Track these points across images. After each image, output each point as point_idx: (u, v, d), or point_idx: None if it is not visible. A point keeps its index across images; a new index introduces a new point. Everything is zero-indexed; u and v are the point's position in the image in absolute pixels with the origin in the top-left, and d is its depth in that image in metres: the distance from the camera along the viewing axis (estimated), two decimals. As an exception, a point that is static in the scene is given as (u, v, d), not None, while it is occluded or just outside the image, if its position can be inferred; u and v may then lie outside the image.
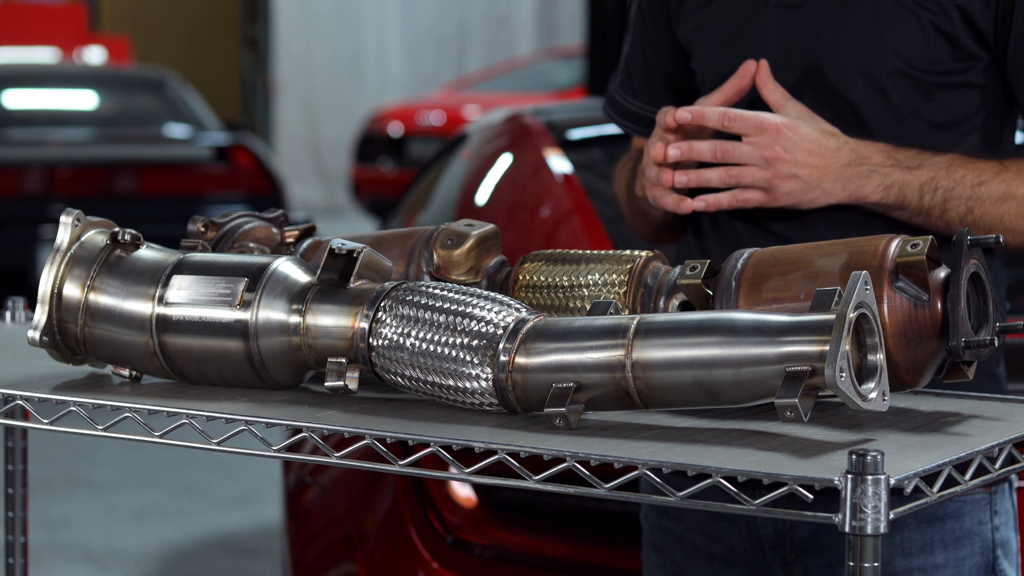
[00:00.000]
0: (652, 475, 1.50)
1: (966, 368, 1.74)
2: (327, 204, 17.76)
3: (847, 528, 1.41)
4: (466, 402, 1.67)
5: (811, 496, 1.45)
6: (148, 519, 6.07)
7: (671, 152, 2.08)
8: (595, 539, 2.75)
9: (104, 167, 8.60)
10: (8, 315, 2.31)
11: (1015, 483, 2.21)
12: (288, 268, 1.77)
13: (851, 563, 1.42)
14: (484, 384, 1.64)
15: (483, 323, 1.65)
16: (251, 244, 1.96)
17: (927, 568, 2.12)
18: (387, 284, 1.73)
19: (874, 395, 1.56)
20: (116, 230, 1.83)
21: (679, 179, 2.09)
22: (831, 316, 1.53)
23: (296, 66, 18.61)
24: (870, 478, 1.40)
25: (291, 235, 1.98)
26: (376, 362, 1.70)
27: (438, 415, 1.68)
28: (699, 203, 2.08)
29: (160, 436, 1.72)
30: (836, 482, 1.41)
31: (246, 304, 1.74)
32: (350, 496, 3.16)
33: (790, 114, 2.07)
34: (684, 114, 2.07)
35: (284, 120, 18.83)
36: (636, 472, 1.51)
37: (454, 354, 1.65)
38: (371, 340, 1.70)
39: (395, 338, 1.68)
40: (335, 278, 1.74)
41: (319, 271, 1.75)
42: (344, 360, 1.71)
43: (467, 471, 1.59)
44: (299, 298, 1.74)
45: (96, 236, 1.84)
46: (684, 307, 1.79)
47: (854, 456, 1.40)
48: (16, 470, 2.37)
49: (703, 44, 2.22)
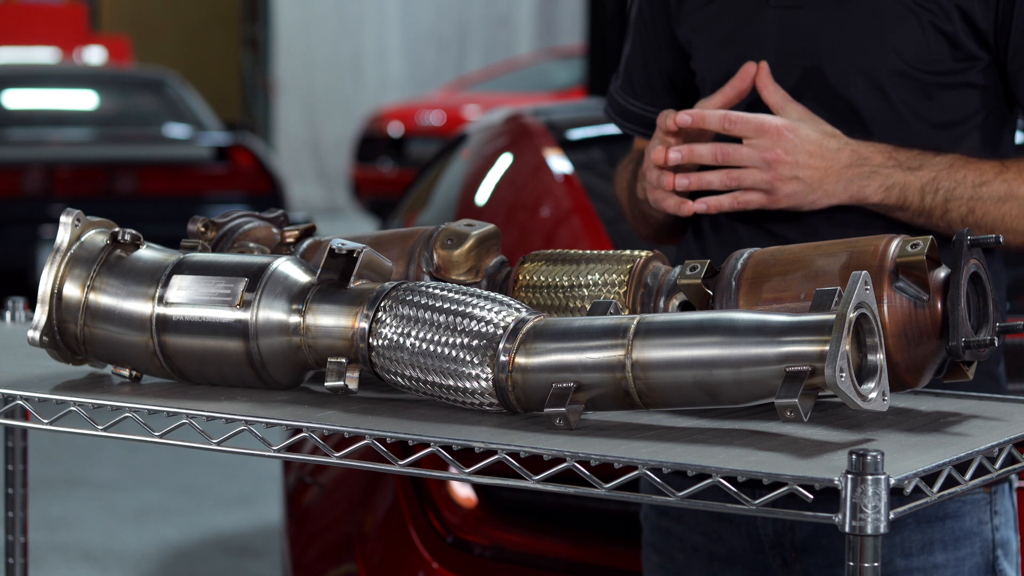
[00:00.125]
0: (652, 475, 1.50)
1: (966, 368, 1.74)
2: (327, 204, 17.76)
3: (847, 528, 1.41)
4: (466, 402, 1.67)
5: (811, 496, 1.44)
6: (148, 519, 6.07)
7: (672, 155, 2.08)
8: (595, 539, 2.75)
9: (104, 167, 8.60)
10: (8, 315, 2.31)
11: (1015, 483, 2.21)
12: (288, 268, 1.77)
13: (851, 563, 1.42)
14: (484, 384, 1.64)
15: (483, 323, 1.65)
16: (251, 244, 1.96)
17: (927, 568, 2.12)
18: (387, 284, 1.73)
19: (874, 395, 1.56)
20: (116, 230, 1.83)
21: (680, 182, 2.09)
22: (831, 316, 1.53)
23: (296, 66, 18.60)
24: (870, 478, 1.40)
25: (291, 235, 1.97)
26: (376, 362, 1.70)
27: (438, 415, 1.68)
28: (700, 205, 2.08)
29: (160, 436, 1.72)
30: (836, 482, 1.41)
31: (246, 304, 1.74)
32: (350, 496, 3.15)
33: (790, 116, 2.07)
34: (684, 117, 2.07)
35: (284, 120, 18.83)
36: (636, 472, 1.51)
37: (454, 354, 1.65)
38: (371, 340, 1.70)
39: (395, 338, 1.68)
40: (335, 278, 1.74)
41: (319, 271, 1.75)
42: (344, 360, 1.71)
43: (467, 471, 1.59)
44: (299, 298, 1.74)
45: (96, 236, 1.84)
46: (684, 307, 1.79)
47: (854, 456, 1.40)
48: (16, 470, 2.37)
49: (703, 45, 2.22)
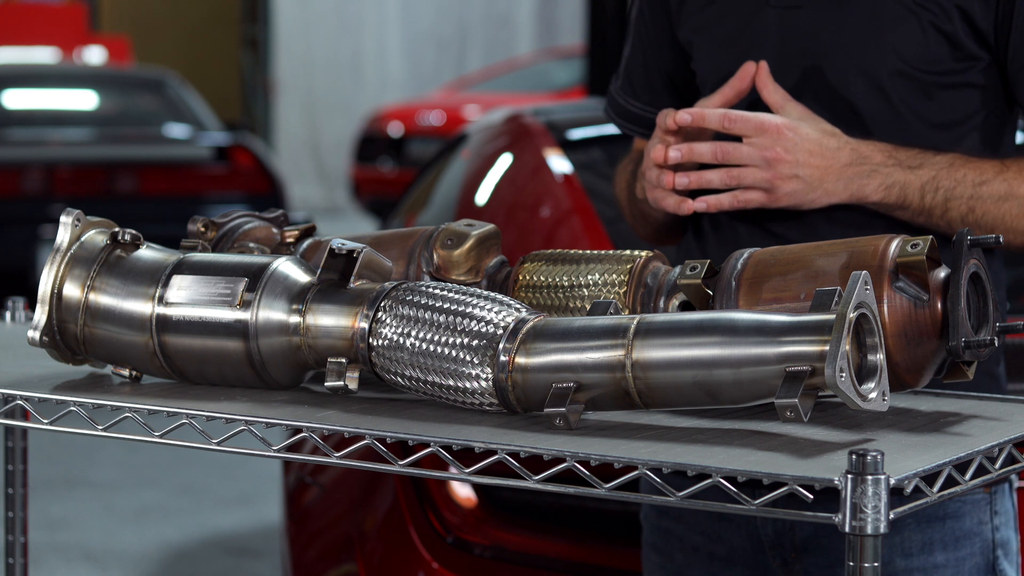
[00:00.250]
0: (652, 475, 1.50)
1: (966, 368, 1.74)
2: (327, 204, 17.75)
3: (847, 528, 1.41)
4: (466, 402, 1.67)
5: (811, 496, 1.44)
6: (148, 519, 6.07)
7: (672, 154, 2.08)
8: (595, 539, 2.75)
9: (104, 167, 8.60)
10: (8, 315, 2.31)
11: (1015, 483, 2.21)
12: (288, 268, 1.77)
13: (851, 563, 1.42)
14: (484, 384, 1.64)
15: (483, 323, 1.65)
16: (251, 244, 1.96)
17: (927, 568, 2.12)
18: (387, 284, 1.73)
19: (874, 395, 1.56)
20: (116, 230, 1.83)
21: (680, 181, 2.08)
22: (831, 316, 1.53)
23: (296, 66, 18.60)
24: (870, 478, 1.40)
25: (291, 235, 1.97)
26: (376, 362, 1.70)
27: (438, 415, 1.68)
28: (700, 204, 2.08)
29: (160, 436, 1.72)
30: (836, 482, 1.41)
31: (246, 304, 1.74)
32: (350, 496, 3.15)
33: (790, 115, 2.07)
34: (684, 116, 2.07)
35: (284, 120, 18.83)
36: (636, 472, 1.51)
37: (454, 354, 1.65)
38: (371, 340, 1.70)
39: (395, 338, 1.68)
40: (335, 278, 1.74)
41: (319, 271, 1.75)
42: (344, 360, 1.71)
43: (467, 471, 1.59)
44: (299, 298, 1.74)
45: (96, 236, 1.84)
46: (684, 307, 1.79)
47: (854, 456, 1.40)
48: (16, 470, 2.37)
49: (704, 45, 2.22)
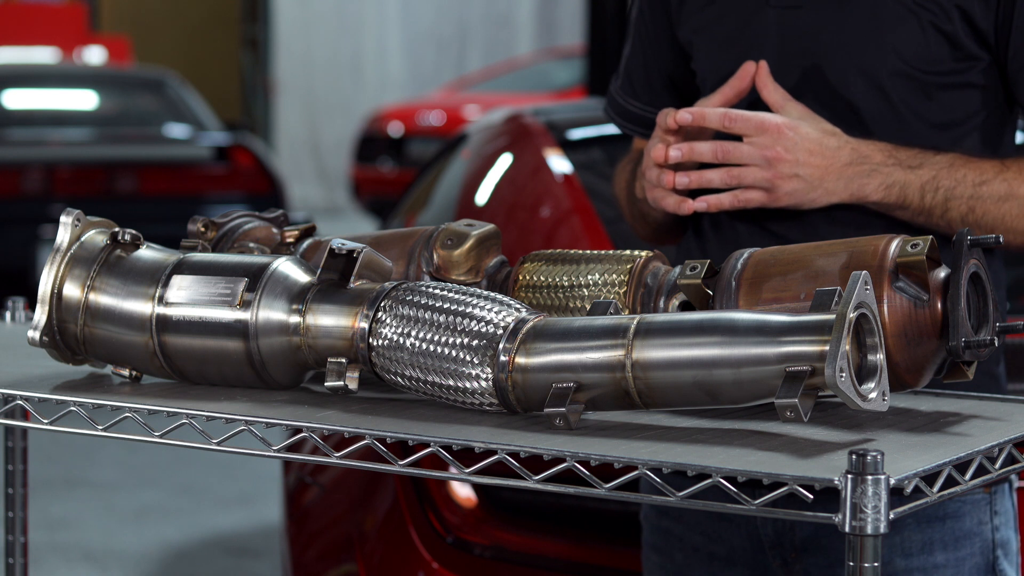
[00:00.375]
0: (652, 475, 1.50)
1: (966, 368, 1.74)
2: (327, 204, 17.75)
3: (847, 528, 1.41)
4: (466, 402, 1.67)
5: (811, 496, 1.44)
6: (148, 519, 6.07)
7: (672, 154, 2.08)
8: (595, 539, 2.75)
9: (104, 167, 8.60)
10: (8, 315, 2.31)
11: (1015, 483, 2.21)
12: (288, 268, 1.76)
13: (851, 563, 1.42)
14: (484, 384, 1.64)
15: (483, 323, 1.65)
16: (251, 244, 1.96)
17: (927, 568, 2.12)
18: (387, 284, 1.73)
19: (874, 395, 1.56)
20: (116, 230, 1.83)
21: (680, 180, 2.08)
22: (831, 316, 1.53)
23: (296, 66, 18.60)
24: (870, 478, 1.40)
25: (291, 235, 1.97)
26: (376, 362, 1.70)
27: (438, 415, 1.68)
28: (700, 204, 2.08)
29: (160, 436, 1.72)
30: (836, 482, 1.41)
31: (246, 304, 1.74)
32: (350, 496, 3.15)
33: (790, 114, 2.07)
34: (685, 115, 2.07)
35: (284, 120, 18.83)
36: (636, 472, 1.51)
37: (454, 354, 1.65)
38: (371, 340, 1.70)
39: (395, 338, 1.68)
40: (335, 278, 1.74)
41: (319, 271, 1.75)
42: (344, 360, 1.71)
43: (467, 471, 1.59)
44: (299, 298, 1.74)
45: (96, 236, 1.84)
46: (684, 307, 1.79)
47: (854, 456, 1.40)
48: (16, 470, 2.37)
49: (704, 45, 2.22)
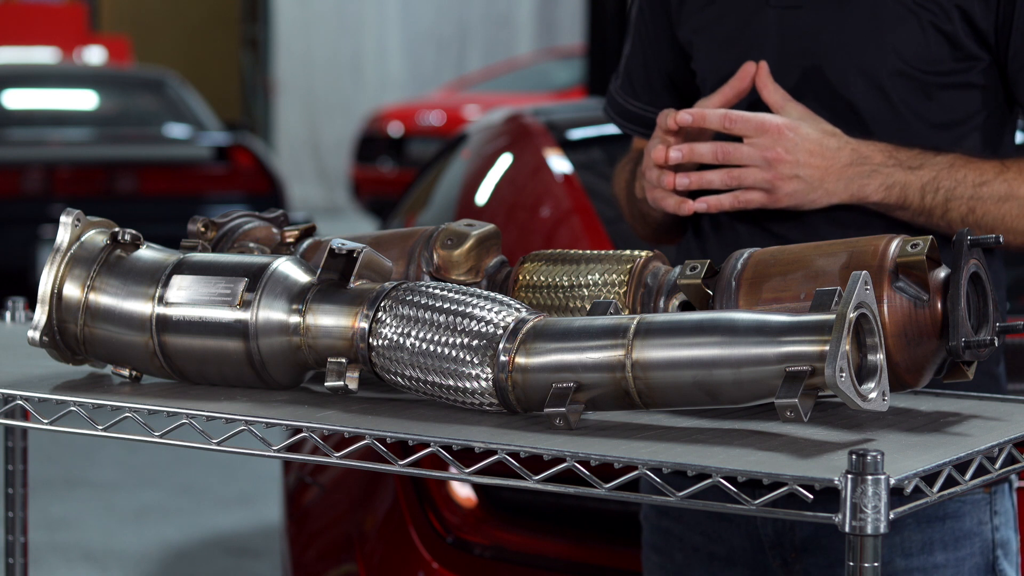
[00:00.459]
0: (652, 475, 1.50)
1: (966, 368, 1.74)
2: (327, 204, 17.75)
3: (847, 528, 1.41)
4: (466, 402, 1.67)
5: (811, 496, 1.44)
6: (148, 519, 6.07)
7: (672, 154, 2.08)
8: (595, 539, 2.75)
9: (104, 167, 8.60)
10: (8, 315, 2.31)
11: (1015, 483, 2.21)
12: (288, 268, 1.76)
13: (851, 563, 1.42)
14: (484, 384, 1.64)
15: (483, 323, 1.65)
16: (251, 244, 1.96)
17: (927, 568, 2.12)
18: (387, 284, 1.73)
19: (874, 395, 1.56)
20: (116, 230, 1.83)
21: (680, 181, 2.08)
22: (831, 316, 1.53)
23: (296, 66, 18.60)
24: (870, 478, 1.40)
25: (291, 235, 1.97)
26: (376, 362, 1.70)
27: (438, 415, 1.68)
28: (700, 204, 2.08)
29: (160, 436, 1.72)
30: (836, 482, 1.41)
31: (246, 304, 1.74)
32: (350, 496, 3.15)
33: (791, 115, 2.07)
34: (685, 116, 2.06)
35: (284, 120, 18.83)
36: (636, 472, 1.51)
37: (454, 354, 1.65)
38: (371, 340, 1.70)
39: (395, 338, 1.68)
40: (335, 278, 1.74)
41: (319, 271, 1.75)
42: (344, 360, 1.71)
43: (467, 471, 1.59)
44: (299, 298, 1.74)
45: (96, 236, 1.84)
46: (684, 307, 1.79)
47: (854, 456, 1.40)
48: (16, 470, 2.37)
49: (704, 45, 2.22)
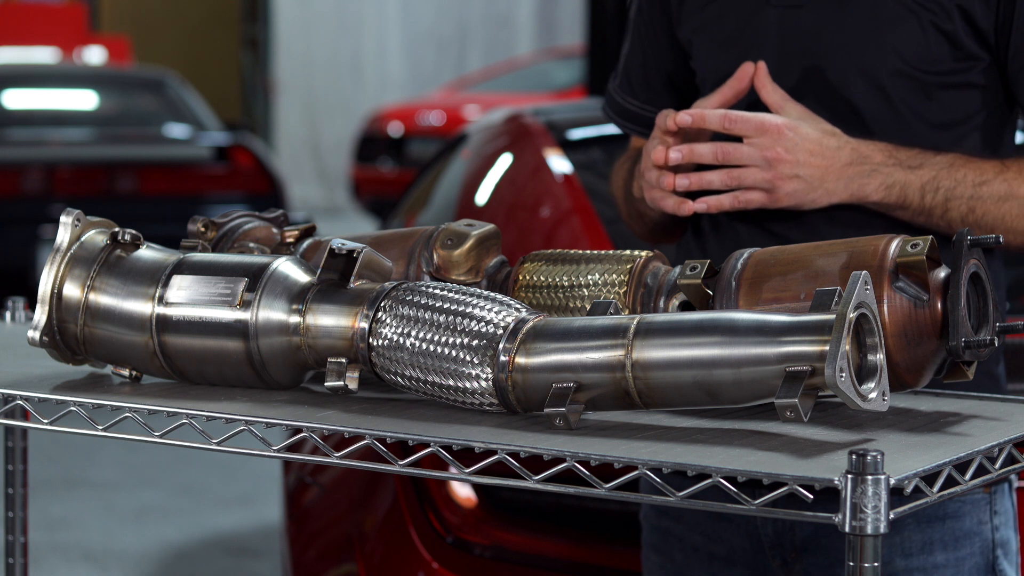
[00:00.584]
0: (652, 475, 1.50)
1: (966, 368, 1.74)
2: (327, 204, 17.75)
3: (847, 528, 1.41)
4: (466, 402, 1.67)
5: (811, 496, 1.44)
6: (148, 519, 6.07)
7: (672, 155, 2.08)
8: (595, 539, 2.75)
9: (104, 167, 8.60)
10: (8, 315, 2.31)
11: (1015, 483, 2.21)
12: (288, 268, 1.77)
13: (851, 563, 1.42)
14: (484, 384, 1.64)
15: (483, 323, 1.65)
16: (251, 244, 1.96)
17: (927, 568, 2.12)
18: (387, 284, 1.73)
19: (874, 395, 1.56)
20: (116, 230, 1.83)
21: (680, 182, 2.08)
22: (831, 316, 1.53)
23: (296, 66, 18.60)
24: (870, 478, 1.40)
25: (291, 235, 1.97)
26: (376, 362, 1.70)
27: (438, 415, 1.68)
28: (700, 204, 2.08)
29: (160, 436, 1.72)
30: (836, 482, 1.41)
31: (246, 304, 1.74)
32: (350, 496, 3.15)
33: (790, 115, 2.07)
34: (685, 117, 2.06)
35: (284, 120, 18.83)
36: (636, 472, 1.51)
37: (454, 354, 1.65)
38: (371, 340, 1.70)
39: (395, 338, 1.68)
40: (335, 278, 1.74)
41: (319, 271, 1.75)
42: (344, 360, 1.71)
43: (467, 471, 1.59)
44: (299, 298, 1.74)
45: (96, 236, 1.84)
46: (684, 307, 1.79)
47: (854, 456, 1.40)
48: (16, 470, 2.37)
49: (704, 45, 2.22)
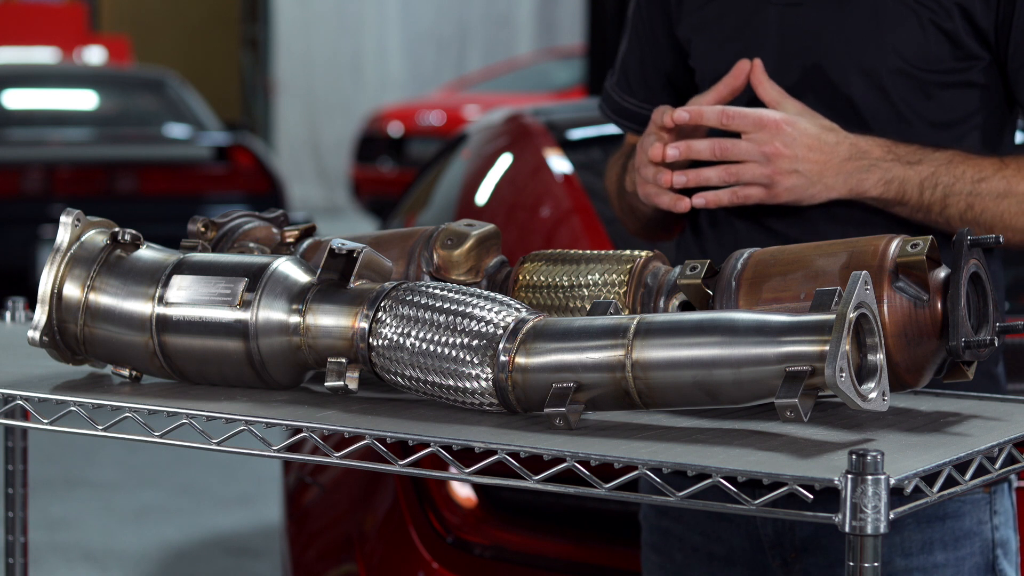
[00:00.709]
0: (652, 475, 1.50)
1: (966, 368, 1.74)
2: (327, 204, 17.76)
3: (847, 528, 1.41)
4: (466, 402, 1.67)
5: (811, 496, 1.44)
6: (148, 519, 6.07)
7: (670, 152, 2.07)
8: (595, 539, 2.75)
9: (104, 167, 8.60)
10: (8, 315, 2.31)
11: (1014, 483, 2.21)
12: (288, 268, 1.77)
13: (851, 563, 1.42)
14: (484, 384, 1.64)
15: (483, 323, 1.65)
16: (251, 244, 1.96)
17: (927, 568, 2.12)
18: (387, 284, 1.73)
19: (874, 395, 1.56)
20: (116, 230, 1.83)
21: (678, 180, 2.08)
22: (831, 316, 1.53)
23: (296, 66, 18.60)
24: (870, 478, 1.40)
25: (291, 235, 1.97)
26: (376, 362, 1.70)
27: (438, 415, 1.68)
28: (699, 200, 2.07)
29: (160, 436, 1.72)
30: (836, 482, 1.41)
31: (246, 304, 1.74)
32: (350, 496, 3.15)
33: (788, 111, 2.07)
34: (682, 114, 2.06)
35: (284, 120, 18.83)
36: (636, 472, 1.51)
37: (454, 354, 1.65)
38: (371, 340, 1.70)
39: (395, 338, 1.68)
40: (335, 278, 1.74)
41: (319, 271, 1.75)
42: (344, 360, 1.71)
43: (467, 471, 1.59)
44: (299, 298, 1.74)
45: (96, 236, 1.84)
46: (684, 307, 1.79)
47: (854, 456, 1.40)
48: (16, 470, 2.37)
49: (703, 43, 2.22)
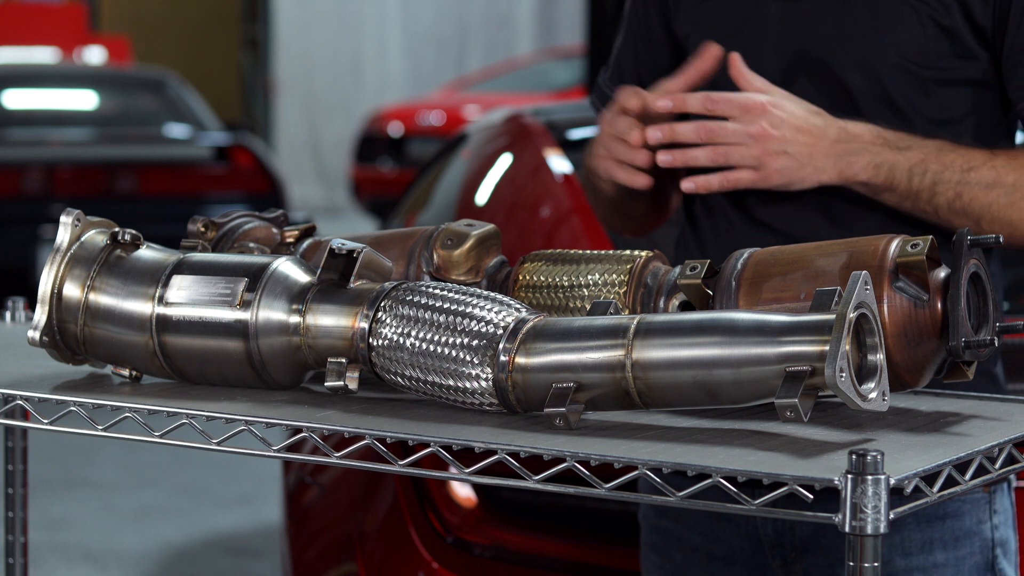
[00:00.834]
0: (652, 475, 1.50)
1: (966, 368, 1.74)
2: (327, 204, 17.76)
3: (847, 528, 1.41)
4: (466, 402, 1.67)
5: (811, 496, 1.44)
6: (148, 519, 6.07)
7: (652, 135, 2.05)
8: (595, 539, 2.75)
9: (104, 167, 8.61)
10: (8, 315, 2.31)
11: (1014, 483, 2.21)
12: (288, 268, 1.77)
13: (851, 563, 1.42)
14: (484, 384, 1.64)
15: (483, 323, 1.65)
16: (251, 244, 1.96)
17: (927, 567, 2.12)
18: (387, 284, 1.73)
19: (874, 395, 1.56)
20: (116, 230, 1.83)
21: (663, 158, 2.06)
22: (831, 316, 1.53)
23: (296, 66, 18.61)
24: (870, 478, 1.40)
25: (291, 235, 1.97)
26: (376, 362, 1.70)
27: (438, 415, 1.68)
28: (688, 185, 2.06)
29: (160, 436, 1.72)
30: (836, 482, 1.41)
31: (246, 304, 1.74)
32: (350, 496, 3.15)
33: (774, 96, 2.06)
34: (665, 102, 2.05)
35: (284, 120, 18.83)
36: (636, 472, 1.51)
37: (454, 354, 1.65)
38: (371, 340, 1.70)
39: (395, 338, 1.68)
40: (335, 278, 1.74)
41: (319, 271, 1.75)
42: (344, 360, 1.71)
43: (467, 471, 1.59)
44: (299, 298, 1.74)
45: (96, 236, 1.84)
46: (684, 307, 1.79)
47: (854, 456, 1.40)
48: (16, 470, 2.37)
49: (702, 40, 2.21)
